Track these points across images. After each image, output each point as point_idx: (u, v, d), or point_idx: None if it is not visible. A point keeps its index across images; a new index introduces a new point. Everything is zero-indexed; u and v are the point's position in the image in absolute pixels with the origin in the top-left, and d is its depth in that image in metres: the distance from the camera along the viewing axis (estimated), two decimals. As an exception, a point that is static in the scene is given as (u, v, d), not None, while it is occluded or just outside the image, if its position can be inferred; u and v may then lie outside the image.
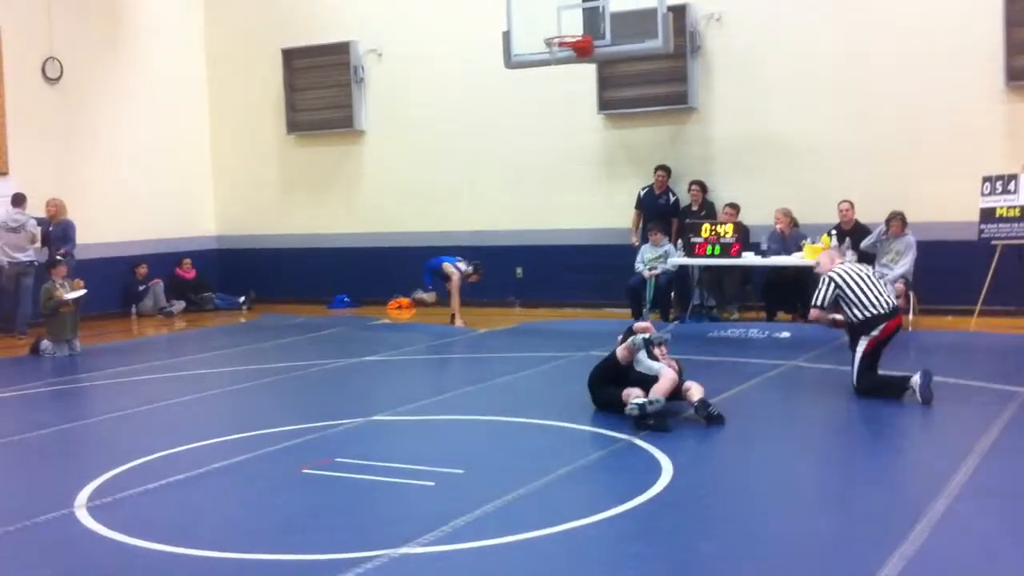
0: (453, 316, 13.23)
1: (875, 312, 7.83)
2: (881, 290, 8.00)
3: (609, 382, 7.58)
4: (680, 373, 7.45)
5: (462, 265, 13.31)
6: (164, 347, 13.11)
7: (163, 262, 16.15)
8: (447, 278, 13.25)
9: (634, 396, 7.14)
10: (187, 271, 16.49)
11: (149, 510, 5.77)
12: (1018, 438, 6.67)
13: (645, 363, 7.41)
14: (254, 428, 7.53)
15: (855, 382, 7.88)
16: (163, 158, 16.46)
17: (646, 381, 7.28)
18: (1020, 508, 5.35)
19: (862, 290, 7.90)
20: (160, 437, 7.38)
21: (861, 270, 8.20)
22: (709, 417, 7.16)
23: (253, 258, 16.95)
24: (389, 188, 15.84)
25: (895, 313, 7.97)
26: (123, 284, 15.75)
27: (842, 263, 8.46)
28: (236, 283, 16.77)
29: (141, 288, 15.73)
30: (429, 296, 13.51)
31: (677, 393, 7.32)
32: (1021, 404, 7.54)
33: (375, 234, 15.92)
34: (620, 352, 7.49)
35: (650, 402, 7.02)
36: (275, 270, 16.74)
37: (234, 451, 6.90)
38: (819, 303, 8.04)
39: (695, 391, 7.31)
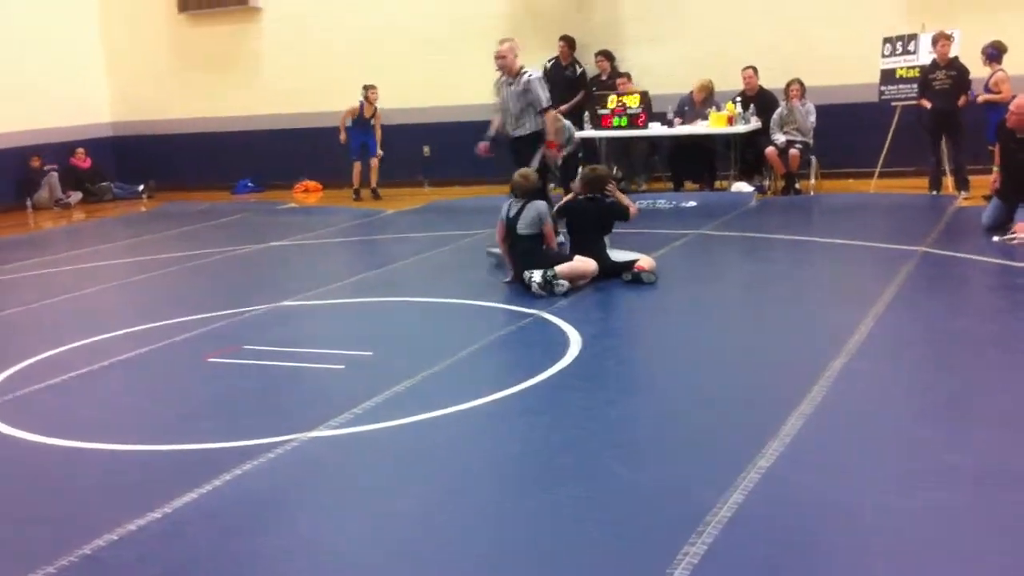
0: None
1: None
2: None
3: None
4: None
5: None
6: (63, 239, 12.71)
7: (56, 152, 15.54)
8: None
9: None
10: (82, 160, 15.93)
11: (53, 406, 5.65)
12: (913, 293, 6.89)
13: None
14: (159, 319, 7.39)
15: None
16: (48, 41, 15.68)
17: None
18: (913, 362, 5.53)
19: None
20: (63, 331, 7.20)
21: None
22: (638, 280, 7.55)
23: (151, 144, 16.40)
24: (289, 68, 15.36)
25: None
26: (14, 176, 15.17)
27: None
28: (134, 171, 16.27)
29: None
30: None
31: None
32: (917, 262, 7.76)
33: (277, 115, 15.48)
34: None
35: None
36: (174, 156, 16.23)
37: (139, 343, 6.76)
38: None
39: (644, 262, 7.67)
